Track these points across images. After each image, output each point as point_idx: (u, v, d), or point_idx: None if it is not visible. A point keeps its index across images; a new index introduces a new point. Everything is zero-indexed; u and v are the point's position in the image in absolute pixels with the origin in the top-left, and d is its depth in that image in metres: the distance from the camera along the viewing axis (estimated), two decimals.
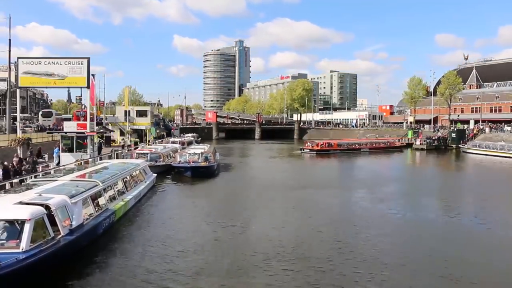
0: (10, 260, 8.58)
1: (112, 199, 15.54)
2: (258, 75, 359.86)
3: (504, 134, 54.76)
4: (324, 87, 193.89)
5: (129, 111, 49.21)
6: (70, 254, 10.82)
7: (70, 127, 27.39)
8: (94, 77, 32.87)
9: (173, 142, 43.24)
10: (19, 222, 9.65)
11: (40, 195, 11.77)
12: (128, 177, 19.01)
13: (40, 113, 60.40)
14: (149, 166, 27.73)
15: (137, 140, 44.50)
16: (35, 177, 16.69)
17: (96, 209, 13.63)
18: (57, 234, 10.54)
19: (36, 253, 9.25)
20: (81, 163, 22.32)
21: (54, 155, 25.18)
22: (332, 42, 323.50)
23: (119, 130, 47.17)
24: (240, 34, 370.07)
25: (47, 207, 10.73)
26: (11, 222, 9.78)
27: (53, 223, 10.57)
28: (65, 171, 18.45)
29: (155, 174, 24.68)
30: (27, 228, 9.43)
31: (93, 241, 12.49)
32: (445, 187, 28.02)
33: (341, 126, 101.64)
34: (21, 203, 10.77)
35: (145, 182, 21.31)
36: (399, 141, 60.67)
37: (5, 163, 17.83)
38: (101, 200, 14.57)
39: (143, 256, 11.83)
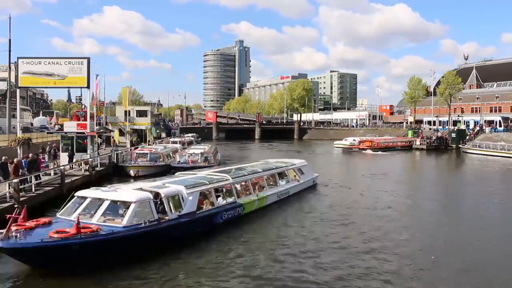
0: (106, 231, 10.96)
1: (242, 194, 16.96)
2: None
3: (504, 134, 54.70)
4: (324, 87, 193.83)
5: (129, 111, 49.15)
6: (176, 236, 12.77)
7: (70, 127, 27.38)
8: (96, 77, 32.92)
9: (173, 142, 43.24)
10: (127, 203, 11.99)
11: (163, 184, 14.27)
12: (271, 175, 20.02)
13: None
14: (148, 166, 27.85)
15: (138, 139, 44.46)
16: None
17: (219, 201, 15.31)
18: (162, 218, 12.56)
19: (132, 229, 11.38)
20: None
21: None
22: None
23: (118, 130, 47.14)
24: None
25: (157, 194, 13.06)
26: (122, 202, 12.18)
27: (163, 208, 12.83)
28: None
29: (316, 175, 25.08)
30: (131, 209, 11.76)
31: (211, 228, 14.18)
32: None
33: (340, 126, 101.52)
34: (141, 189, 13.32)
35: (298, 181, 21.97)
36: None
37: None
38: (228, 194, 16.18)
39: (245, 252, 12.27)
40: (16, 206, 14.26)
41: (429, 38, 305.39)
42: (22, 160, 18.26)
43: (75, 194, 13.07)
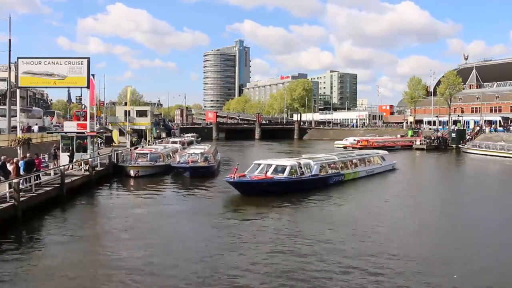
0: (276, 179, 21.28)
1: (343, 168, 26.93)
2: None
3: (504, 134, 54.71)
4: (324, 87, 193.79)
5: (129, 111, 49.13)
6: (308, 186, 22.67)
7: (70, 127, 27.36)
8: (94, 77, 32.81)
9: (174, 142, 43.23)
10: (285, 166, 22.13)
11: (302, 158, 25.64)
12: (362, 159, 30.04)
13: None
14: (148, 166, 27.89)
15: (138, 140, 44.42)
16: None
17: (330, 171, 25.43)
18: (301, 176, 22.49)
19: (287, 179, 21.55)
20: None
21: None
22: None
23: (118, 130, 47.12)
24: None
25: (299, 163, 22.87)
26: (282, 166, 22.27)
27: (302, 171, 22.73)
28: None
29: (395, 161, 34.07)
30: (287, 169, 21.80)
31: (325, 186, 23.92)
32: None
33: (340, 126, 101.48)
34: (292, 159, 24.51)
35: (380, 165, 31.47)
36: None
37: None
38: (335, 166, 26.19)
39: (344, 200, 21.71)
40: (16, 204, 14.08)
41: (438, 38, 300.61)
42: (20, 161, 18.21)
43: (254, 162, 23.60)
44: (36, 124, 40.12)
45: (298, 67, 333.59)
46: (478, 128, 62.73)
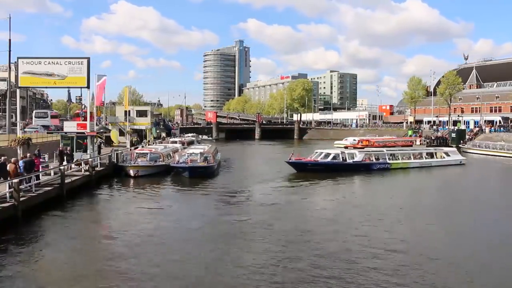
0: (321, 162, 30.45)
1: (391, 159, 32.59)
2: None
3: (504, 134, 54.72)
4: (324, 87, 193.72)
5: (129, 111, 49.11)
6: (350, 169, 30.21)
7: (70, 127, 27.37)
8: (101, 77, 32.80)
9: (174, 142, 43.22)
10: (331, 154, 31.22)
11: (344, 150, 34.24)
12: (418, 153, 35.99)
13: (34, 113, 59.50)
14: (147, 166, 27.91)
15: (138, 140, 44.39)
16: None
17: (378, 159, 32.20)
18: (343, 161, 30.82)
19: (332, 163, 30.57)
20: None
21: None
22: None
23: (118, 130, 47.12)
24: None
25: (343, 152, 31.78)
26: (328, 153, 31.46)
27: (344, 157, 31.22)
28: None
29: (462, 158, 38.03)
30: (331, 156, 30.93)
31: (368, 170, 30.86)
32: None
33: (340, 126, 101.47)
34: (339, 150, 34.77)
35: (443, 159, 35.74)
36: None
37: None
38: (384, 157, 32.49)
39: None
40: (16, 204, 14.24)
41: (448, 37, 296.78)
42: (20, 161, 18.19)
43: (315, 150, 32.57)
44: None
45: (304, 67, 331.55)
46: (477, 129, 62.68)
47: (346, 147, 55.73)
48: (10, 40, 33.60)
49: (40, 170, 19.58)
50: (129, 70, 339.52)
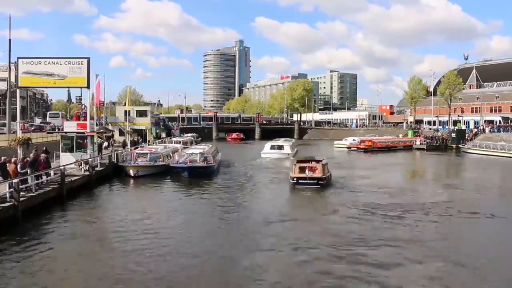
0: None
1: None
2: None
3: (504, 134, 54.67)
4: (324, 87, 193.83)
5: (129, 111, 49.09)
6: None
7: (70, 127, 27.35)
8: (96, 77, 32.83)
9: (174, 142, 43.20)
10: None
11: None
12: None
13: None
14: (147, 166, 27.91)
15: (135, 139, 44.31)
16: None
17: None
18: None
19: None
20: None
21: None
22: None
23: (118, 130, 47.08)
24: None
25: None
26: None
27: None
28: None
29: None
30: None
31: None
32: None
33: (340, 126, 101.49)
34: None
35: None
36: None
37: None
38: None
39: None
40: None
41: (470, 36, 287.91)
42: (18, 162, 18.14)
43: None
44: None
45: (318, 65, 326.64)
46: (475, 130, 62.57)
47: (348, 148, 55.90)
48: (10, 40, 33.69)
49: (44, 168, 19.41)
50: (137, 69, 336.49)
